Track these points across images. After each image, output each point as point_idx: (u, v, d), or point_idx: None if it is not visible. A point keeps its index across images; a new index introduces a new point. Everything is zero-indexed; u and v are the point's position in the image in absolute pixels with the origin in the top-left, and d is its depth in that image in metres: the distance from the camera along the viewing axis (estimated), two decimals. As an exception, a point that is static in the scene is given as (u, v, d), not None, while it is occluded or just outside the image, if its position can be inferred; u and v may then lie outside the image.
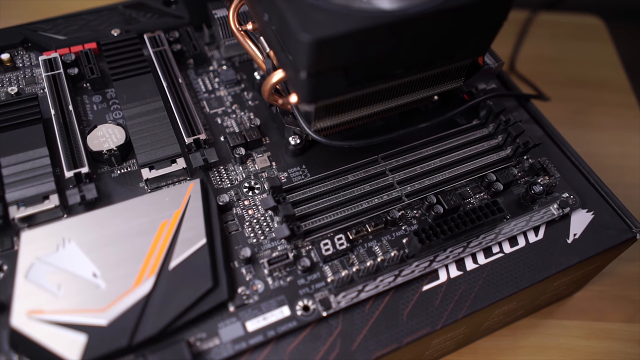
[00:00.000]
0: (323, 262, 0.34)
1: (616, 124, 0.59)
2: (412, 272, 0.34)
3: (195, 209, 0.34)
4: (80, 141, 0.36)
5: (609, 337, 0.44)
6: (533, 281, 0.35)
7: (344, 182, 0.37)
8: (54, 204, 0.34)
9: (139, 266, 0.31)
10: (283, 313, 0.32)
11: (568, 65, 0.66)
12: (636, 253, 0.48)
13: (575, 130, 0.57)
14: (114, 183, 0.36)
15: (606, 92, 0.63)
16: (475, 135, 0.40)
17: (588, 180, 0.40)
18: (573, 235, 0.37)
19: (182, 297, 0.31)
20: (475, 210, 0.35)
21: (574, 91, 0.63)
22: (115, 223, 0.33)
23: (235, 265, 0.34)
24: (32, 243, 0.31)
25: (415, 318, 0.33)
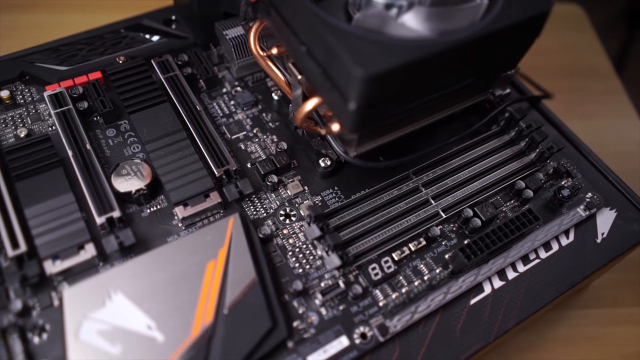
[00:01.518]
0: (373, 286, 0.34)
1: (607, 111, 0.61)
2: (460, 287, 0.34)
3: (239, 245, 0.33)
4: (105, 182, 0.35)
5: (627, 322, 0.47)
6: (572, 283, 0.36)
7: (380, 202, 0.37)
8: (90, 254, 0.32)
9: (193, 312, 0.30)
10: (342, 343, 0.32)
11: (552, 56, 0.68)
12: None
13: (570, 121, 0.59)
14: (145, 223, 0.35)
15: (593, 81, 0.65)
16: (498, 143, 0.41)
17: (606, 177, 0.41)
18: (601, 235, 0.39)
19: (243, 341, 0.30)
20: (513, 220, 0.36)
21: (562, 82, 0.64)
22: (160, 269, 0.31)
23: (286, 298, 0.33)
24: (77, 300, 0.30)
25: (468, 333, 0.34)
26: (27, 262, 0.31)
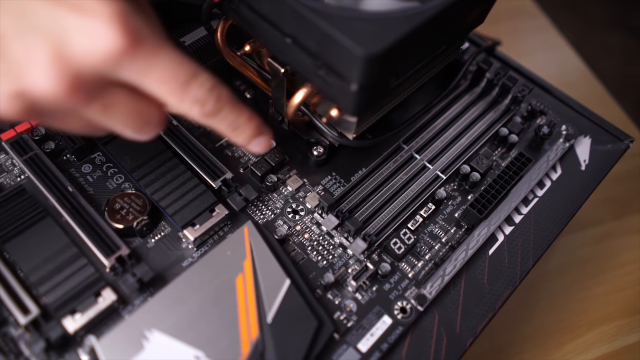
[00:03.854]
0: (398, 260, 0.34)
1: (542, 47, 0.64)
2: (477, 241, 0.35)
3: (262, 252, 0.32)
4: (101, 222, 0.32)
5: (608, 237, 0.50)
6: (573, 212, 0.38)
7: (381, 178, 0.37)
8: (110, 299, 0.30)
9: (237, 330, 0.29)
10: (386, 323, 0.32)
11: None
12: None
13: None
14: (154, 253, 0.33)
15: (521, 21, 0.68)
16: (471, 97, 0.42)
17: (573, 109, 0.44)
18: (584, 162, 0.41)
19: (296, 345, 0.29)
20: (509, 166, 0.37)
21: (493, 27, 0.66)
22: (189, 296, 0.30)
23: (319, 293, 0.33)
24: (112, 349, 0.28)
25: (495, 282, 0.35)
26: (46, 325, 0.29)
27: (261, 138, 0.28)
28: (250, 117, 0.27)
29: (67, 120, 0.25)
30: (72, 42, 0.21)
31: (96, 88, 0.23)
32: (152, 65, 0.23)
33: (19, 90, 0.22)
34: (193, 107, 0.24)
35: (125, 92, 0.24)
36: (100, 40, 0.21)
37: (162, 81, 0.23)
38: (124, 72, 0.23)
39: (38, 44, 0.21)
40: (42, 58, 0.21)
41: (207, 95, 0.24)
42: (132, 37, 0.22)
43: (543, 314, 0.45)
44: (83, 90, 0.22)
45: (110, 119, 0.24)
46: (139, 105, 0.24)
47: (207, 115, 0.25)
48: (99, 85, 0.23)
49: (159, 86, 0.23)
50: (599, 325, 0.45)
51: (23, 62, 0.21)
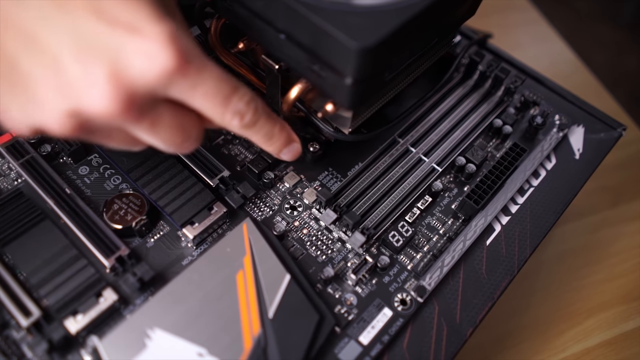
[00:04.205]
0: (397, 253, 0.35)
1: (533, 39, 0.65)
2: (475, 232, 0.36)
3: (261, 248, 0.32)
4: (100, 223, 0.32)
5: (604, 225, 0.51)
6: (568, 201, 0.39)
7: (377, 172, 0.37)
8: (112, 299, 0.30)
9: (239, 326, 0.29)
10: (386, 315, 0.32)
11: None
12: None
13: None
14: (154, 253, 0.33)
15: (511, 14, 0.68)
16: (465, 89, 0.42)
17: (566, 98, 0.44)
18: (578, 151, 0.41)
19: (298, 339, 0.30)
20: (504, 157, 0.38)
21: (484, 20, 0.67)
22: (191, 293, 0.30)
23: (319, 287, 0.33)
24: (115, 349, 0.28)
25: (493, 272, 0.35)
26: (47, 327, 0.29)
27: (292, 146, 0.31)
28: (282, 127, 0.29)
29: (112, 137, 0.26)
30: (129, 62, 0.22)
31: (147, 105, 0.24)
32: (199, 82, 0.24)
33: (74, 108, 0.23)
34: (234, 119, 0.26)
35: (171, 108, 0.25)
36: (155, 61, 0.22)
37: (207, 96, 0.25)
38: (174, 89, 0.24)
39: (96, 64, 0.22)
40: (100, 78, 0.22)
41: (246, 107, 0.26)
42: (183, 57, 0.23)
43: (541, 303, 0.45)
44: (136, 108, 0.23)
45: (156, 134, 0.25)
46: (183, 120, 0.26)
47: (246, 126, 0.27)
48: (150, 102, 0.24)
49: (204, 101, 0.25)
50: (597, 313, 0.45)
51: (80, 81, 0.22)
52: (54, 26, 0.22)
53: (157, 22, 0.22)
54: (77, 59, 0.22)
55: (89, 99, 0.22)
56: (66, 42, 0.22)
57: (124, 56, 0.22)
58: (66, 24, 0.22)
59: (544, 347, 0.43)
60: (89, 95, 0.22)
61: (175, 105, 0.25)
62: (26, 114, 0.24)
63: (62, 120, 0.23)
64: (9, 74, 0.23)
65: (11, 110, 0.24)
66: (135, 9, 0.22)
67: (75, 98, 0.22)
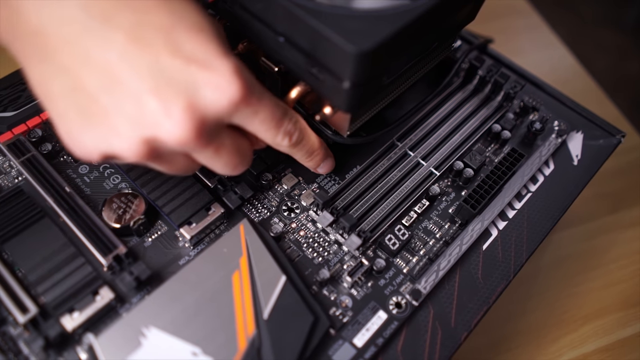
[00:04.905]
0: (393, 256, 0.35)
1: (534, 44, 0.65)
2: (471, 236, 0.36)
3: (258, 249, 0.32)
4: (98, 221, 0.33)
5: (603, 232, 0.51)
6: (565, 207, 0.39)
7: (375, 175, 0.37)
8: (108, 298, 0.30)
9: (234, 327, 0.30)
10: (381, 318, 0.32)
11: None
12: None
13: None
14: (151, 252, 0.34)
15: (513, 20, 0.68)
16: (464, 94, 0.42)
17: (565, 104, 0.44)
18: (576, 157, 0.41)
19: (292, 340, 0.30)
20: (502, 162, 0.38)
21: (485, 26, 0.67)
22: (187, 293, 0.30)
23: (314, 289, 0.33)
24: (110, 346, 0.28)
25: (489, 276, 0.35)
26: (44, 324, 0.29)
27: (328, 161, 0.36)
28: (321, 143, 0.34)
29: (175, 162, 0.28)
30: (202, 94, 0.25)
31: (215, 132, 0.26)
32: (258, 109, 0.27)
33: (151, 137, 0.25)
34: (284, 139, 0.30)
35: (233, 134, 0.28)
36: (225, 92, 0.25)
37: (264, 121, 0.28)
38: (238, 116, 0.26)
39: (172, 96, 0.24)
40: (176, 108, 0.24)
41: (294, 128, 0.30)
42: (246, 88, 0.25)
43: (537, 309, 0.45)
44: (206, 135, 0.26)
45: (218, 158, 0.28)
46: (241, 143, 0.29)
47: (293, 145, 0.30)
48: (217, 129, 0.27)
49: (261, 125, 0.28)
50: (593, 320, 0.45)
51: (158, 112, 0.24)
52: (133, 63, 0.24)
53: (224, 58, 0.25)
54: (155, 92, 0.24)
55: (167, 127, 0.24)
56: (144, 77, 0.24)
57: (198, 89, 0.24)
58: (144, 61, 0.24)
59: (539, 352, 0.43)
60: (166, 124, 0.24)
61: (236, 131, 0.28)
62: (98, 141, 0.25)
63: (137, 147, 0.25)
64: (87, 106, 0.25)
65: (84, 139, 0.25)
66: (207, 47, 0.25)
67: (153, 127, 0.24)
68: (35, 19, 0.24)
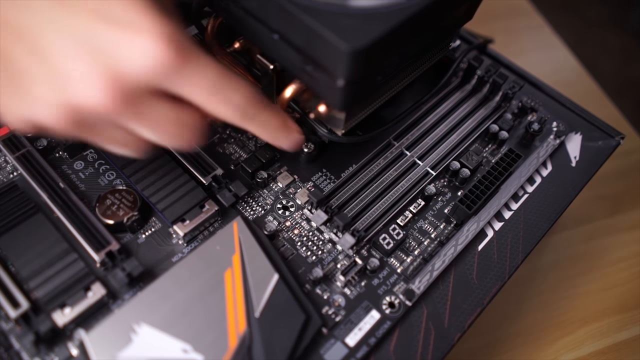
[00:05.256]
0: (387, 256, 0.35)
1: (536, 46, 0.65)
2: (466, 237, 0.36)
3: (251, 247, 0.32)
4: (92, 217, 0.33)
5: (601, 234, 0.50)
6: (562, 208, 0.38)
7: (371, 174, 0.37)
8: (100, 294, 0.30)
9: (225, 324, 0.30)
10: (374, 317, 0.32)
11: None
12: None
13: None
14: (145, 249, 0.34)
15: (515, 20, 0.68)
16: (462, 94, 0.42)
17: (564, 105, 0.44)
18: (574, 158, 0.41)
19: (283, 339, 0.30)
20: (499, 162, 0.38)
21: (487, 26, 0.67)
22: (178, 290, 0.30)
23: (307, 288, 0.33)
24: (101, 342, 0.28)
25: (484, 278, 0.35)
26: (35, 319, 0.29)
27: (290, 134, 0.31)
28: (279, 115, 0.30)
29: (110, 134, 0.27)
30: (123, 56, 0.23)
31: (141, 98, 0.25)
32: (192, 74, 0.25)
33: (67, 101, 0.24)
34: (227, 109, 0.27)
35: (166, 101, 0.26)
36: (149, 54, 0.23)
37: (201, 88, 0.25)
38: (168, 82, 0.25)
39: (90, 59, 0.23)
40: (93, 71, 0.23)
41: (240, 98, 0.27)
42: (175, 50, 0.24)
43: (534, 311, 0.45)
44: (129, 100, 0.24)
45: (151, 127, 0.26)
46: (179, 112, 0.26)
47: (242, 117, 0.27)
48: (144, 95, 0.25)
49: (197, 93, 0.25)
50: (590, 322, 0.45)
51: (74, 75, 0.23)
52: (52, 25, 0.23)
53: (151, 19, 0.23)
54: (75, 57, 0.23)
55: (82, 91, 0.23)
56: (62, 39, 0.23)
57: (119, 51, 0.23)
58: (64, 23, 0.23)
59: (536, 355, 0.43)
60: (81, 88, 0.23)
61: (170, 99, 0.26)
62: (22, 109, 0.25)
63: (55, 113, 0.24)
64: (12, 73, 0.24)
65: (9, 105, 0.25)
66: (132, 9, 0.23)
67: (72, 93, 0.23)
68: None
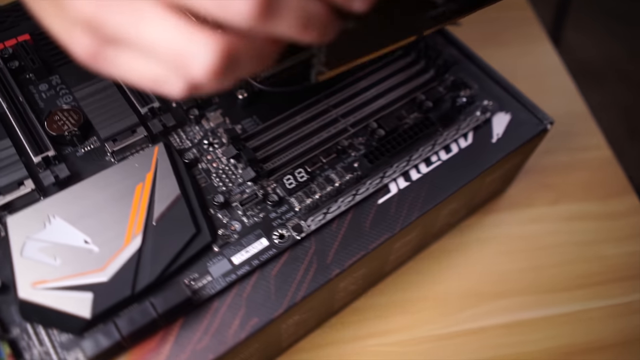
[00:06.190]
0: (289, 195, 0.38)
1: (522, 38, 0.66)
2: (367, 189, 0.39)
3: (164, 168, 0.37)
4: (39, 128, 0.38)
5: (540, 221, 0.52)
6: (469, 179, 0.41)
7: (294, 124, 0.41)
8: (30, 187, 0.36)
9: (125, 226, 0.34)
10: (262, 244, 0.36)
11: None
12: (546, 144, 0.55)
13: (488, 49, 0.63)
14: (80, 161, 0.39)
15: (507, 11, 0.69)
16: (401, 64, 0.45)
17: (501, 85, 0.46)
18: (496, 135, 0.43)
19: (171, 245, 0.34)
20: (412, 127, 0.40)
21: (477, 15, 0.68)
22: (93, 194, 0.35)
23: (212, 212, 0.37)
24: (19, 225, 0.34)
25: (376, 227, 0.38)
26: (-28, 200, 0.35)
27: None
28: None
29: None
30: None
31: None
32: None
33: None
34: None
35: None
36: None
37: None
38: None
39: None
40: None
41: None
42: None
43: (450, 280, 0.47)
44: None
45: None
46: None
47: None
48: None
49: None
50: (503, 298, 0.47)
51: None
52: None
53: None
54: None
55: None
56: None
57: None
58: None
59: (442, 318, 0.46)
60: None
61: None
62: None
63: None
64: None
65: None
66: None
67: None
68: None
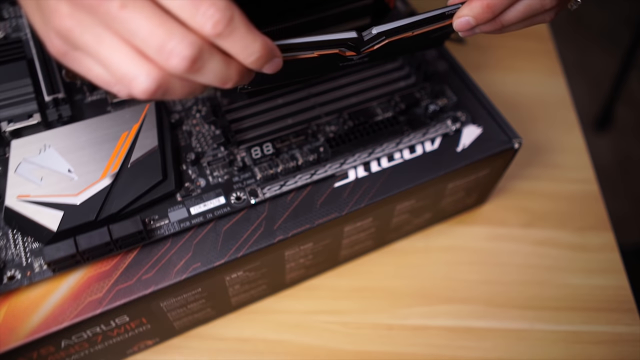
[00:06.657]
0: (254, 164, 0.43)
1: (535, 68, 0.67)
2: (325, 171, 0.42)
3: (150, 122, 0.42)
4: (57, 73, 0.45)
5: (510, 240, 0.53)
6: (425, 179, 0.43)
7: (274, 105, 0.45)
8: (36, 120, 0.42)
9: (104, 164, 0.40)
10: (220, 201, 0.41)
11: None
12: (534, 170, 0.57)
13: (498, 73, 0.65)
14: (85, 107, 0.45)
15: (528, 41, 0.70)
16: (388, 68, 0.49)
17: (480, 102, 0.48)
18: (462, 145, 0.46)
19: (138, 185, 0.39)
20: (378, 123, 0.44)
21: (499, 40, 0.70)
22: (85, 134, 0.41)
23: (184, 167, 0.42)
24: (20, 148, 0.40)
25: (326, 206, 0.42)
26: (-12, 123, 0.42)
27: (273, 61, 0.29)
28: (260, 39, 0.27)
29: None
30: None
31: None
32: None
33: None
34: (205, 23, 0.25)
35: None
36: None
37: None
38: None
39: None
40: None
41: (219, 14, 0.25)
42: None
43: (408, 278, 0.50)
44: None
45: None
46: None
47: (219, 35, 0.26)
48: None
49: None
50: (453, 304, 0.49)
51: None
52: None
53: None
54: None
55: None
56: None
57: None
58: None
59: (389, 309, 0.48)
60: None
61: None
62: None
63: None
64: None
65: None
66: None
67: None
68: None
